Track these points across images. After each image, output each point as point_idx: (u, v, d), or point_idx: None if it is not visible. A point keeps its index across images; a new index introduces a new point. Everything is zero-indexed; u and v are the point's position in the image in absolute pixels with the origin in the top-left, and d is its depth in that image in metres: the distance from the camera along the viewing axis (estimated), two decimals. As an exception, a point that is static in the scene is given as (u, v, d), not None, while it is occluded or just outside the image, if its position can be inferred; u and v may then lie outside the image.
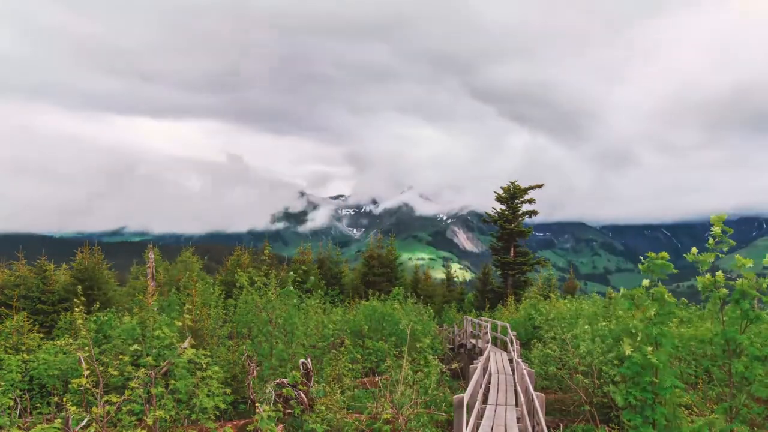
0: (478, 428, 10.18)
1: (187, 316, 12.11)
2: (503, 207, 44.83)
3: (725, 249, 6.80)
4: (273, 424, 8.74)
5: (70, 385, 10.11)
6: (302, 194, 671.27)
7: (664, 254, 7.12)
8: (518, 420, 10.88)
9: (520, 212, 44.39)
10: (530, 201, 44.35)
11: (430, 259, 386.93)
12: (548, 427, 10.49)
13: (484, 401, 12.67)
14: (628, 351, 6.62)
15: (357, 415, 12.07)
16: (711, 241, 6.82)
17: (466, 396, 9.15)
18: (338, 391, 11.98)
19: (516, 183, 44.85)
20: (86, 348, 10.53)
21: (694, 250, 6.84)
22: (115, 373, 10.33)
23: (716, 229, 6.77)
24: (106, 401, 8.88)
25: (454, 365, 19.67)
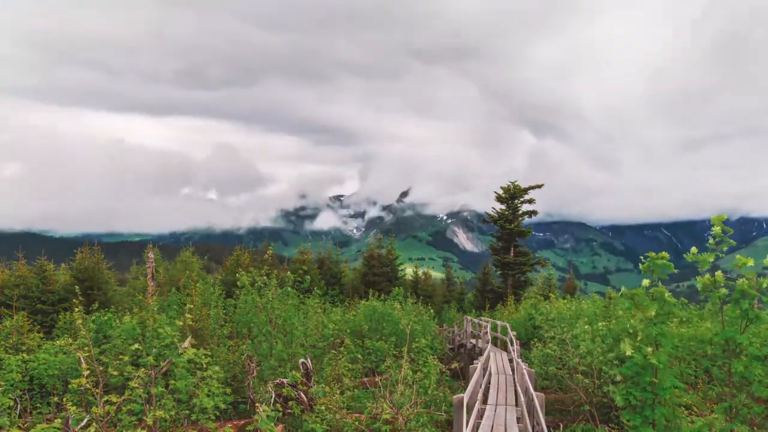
0: (478, 428, 10.17)
1: (188, 315, 12.09)
2: (503, 207, 44.88)
3: (725, 249, 6.79)
4: (273, 424, 8.73)
5: (70, 385, 10.10)
6: (302, 195, 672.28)
7: (665, 254, 7.11)
8: (518, 420, 10.88)
9: (520, 212, 44.43)
10: (530, 201, 44.41)
11: (430, 259, 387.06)
12: (548, 427, 10.49)
13: (484, 401, 12.66)
14: (628, 352, 6.61)
15: (357, 415, 12.06)
16: (711, 241, 6.81)
17: (466, 396, 9.15)
18: (338, 391, 11.97)
19: (516, 183, 44.90)
20: (86, 348, 10.53)
21: (693, 249, 6.83)
22: (115, 373, 10.34)
23: (717, 229, 6.77)
24: (106, 401, 8.88)
25: (454, 365, 19.66)
